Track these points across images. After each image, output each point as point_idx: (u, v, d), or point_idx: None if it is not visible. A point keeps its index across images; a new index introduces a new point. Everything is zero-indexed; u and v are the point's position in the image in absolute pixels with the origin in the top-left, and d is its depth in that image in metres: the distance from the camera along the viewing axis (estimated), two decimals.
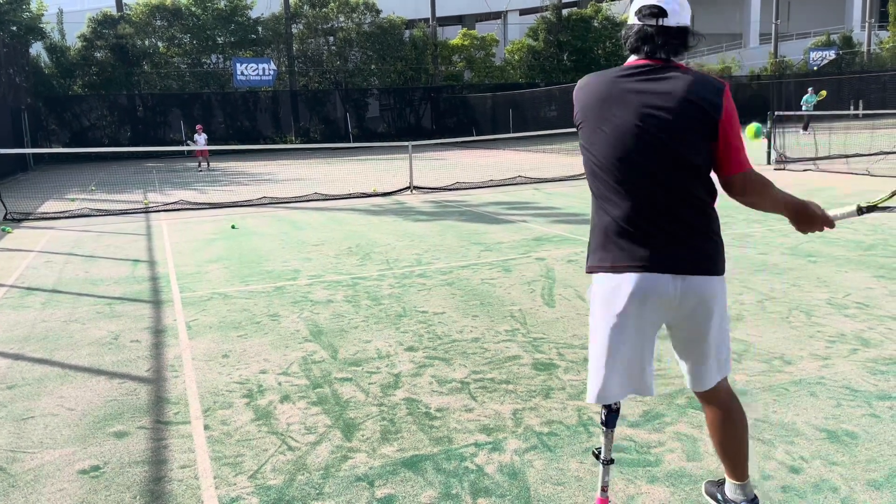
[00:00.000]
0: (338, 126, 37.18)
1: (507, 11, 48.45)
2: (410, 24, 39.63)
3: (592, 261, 2.47)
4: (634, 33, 2.39)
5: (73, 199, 15.79)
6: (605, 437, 2.57)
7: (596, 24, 41.10)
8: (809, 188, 12.30)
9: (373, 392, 4.12)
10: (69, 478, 3.27)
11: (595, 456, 2.61)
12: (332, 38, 37.43)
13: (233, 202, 13.92)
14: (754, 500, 2.67)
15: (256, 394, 4.16)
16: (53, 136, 32.67)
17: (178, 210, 13.32)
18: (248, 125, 35.70)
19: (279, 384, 4.30)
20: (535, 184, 15.28)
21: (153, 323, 5.77)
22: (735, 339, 4.75)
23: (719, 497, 2.77)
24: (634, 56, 2.42)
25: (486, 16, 49.07)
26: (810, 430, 3.42)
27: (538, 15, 42.14)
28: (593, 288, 2.47)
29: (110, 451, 3.52)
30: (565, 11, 41.57)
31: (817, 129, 23.73)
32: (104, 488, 3.16)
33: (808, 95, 27.37)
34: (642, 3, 2.38)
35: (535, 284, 6.49)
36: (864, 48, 45.97)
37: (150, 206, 13.94)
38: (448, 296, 6.22)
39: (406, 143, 16.03)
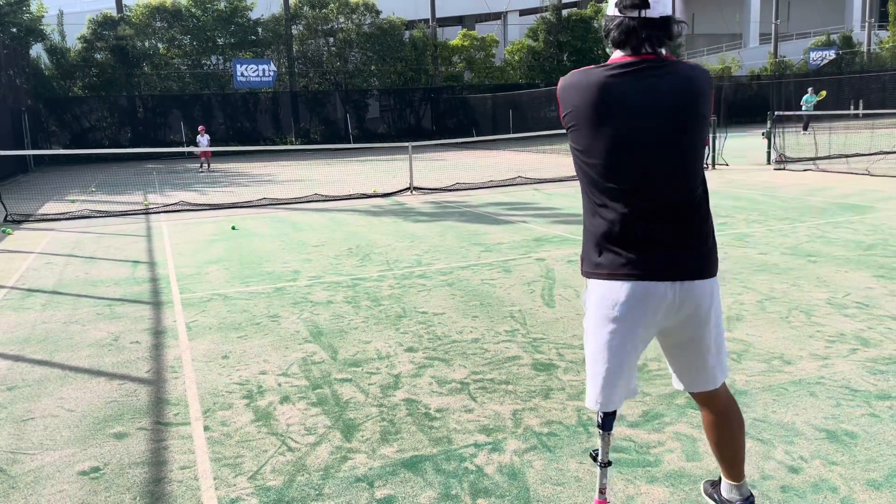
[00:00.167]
0: (338, 127, 37.20)
1: (506, 12, 48.47)
2: (410, 24, 39.66)
3: (588, 266, 2.40)
4: (616, 26, 2.28)
5: (73, 201, 15.80)
6: (601, 440, 2.56)
7: (596, 25, 41.07)
8: (809, 188, 12.29)
9: (372, 393, 4.12)
10: (69, 479, 3.27)
11: (593, 458, 2.60)
12: (332, 39, 37.46)
13: (233, 203, 13.93)
14: (749, 498, 2.67)
15: (256, 395, 4.17)
16: (54, 137, 32.69)
17: (179, 211, 13.33)
18: (248, 126, 35.72)
19: (279, 385, 4.30)
20: (535, 184, 15.28)
21: (153, 324, 5.78)
22: (735, 339, 4.76)
23: (716, 497, 2.77)
24: (620, 52, 2.30)
25: (485, 16, 49.09)
26: (810, 430, 3.42)
27: (538, 15, 42.16)
28: (590, 293, 2.43)
29: (110, 452, 3.52)
30: (565, 12, 41.58)
31: (817, 129, 23.72)
32: (104, 489, 3.17)
33: (807, 95, 27.39)
34: None
35: (534, 285, 6.49)
36: (864, 48, 46.00)
37: (151, 207, 13.94)
38: (448, 296, 6.22)
39: (406, 144, 16.03)
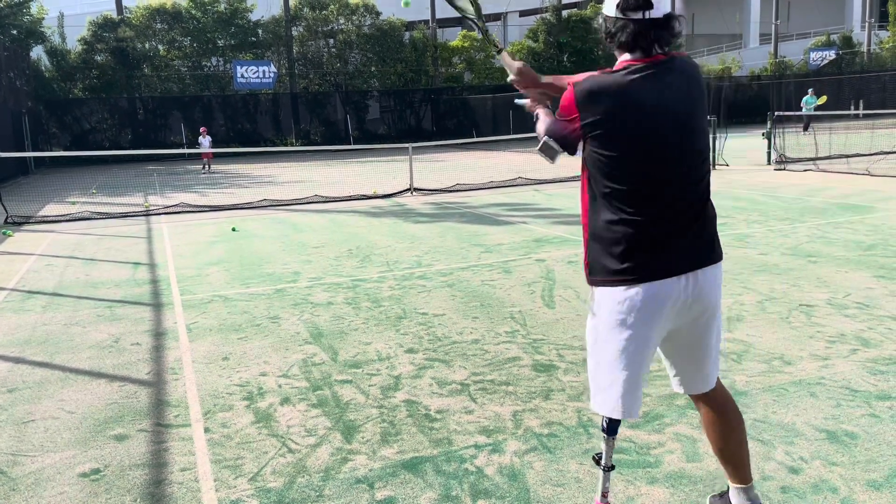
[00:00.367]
0: (338, 128, 37.20)
1: (506, 13, 48.43)
2: (410, 25, 39.63)
3: (603, 274, 2.36)
4: (621, 29, 2.27)
5: (73, 203, 15.81)
6: (605, 444, 2.54)
7: (596, 26, 41.01)
8: (810, 188, 12.30)
9: (373, 394, 4.13)
10: (70, 481, 3.27)
11: (596, 462, 2.58)
12: (332, 41, 37.46)
13: (233, 205, 13.94)
14: (758, 502, 2.60)
15: (257, 396, 4.17)
16: (54, 139, 32.69)
17: (179, 213, 13.33)
18: (248, 128, 35.71)
19: (279, 386, 4.30)
20: (536, 185, 15.28)
21: (154, 326, 5.78)
22: (735, 339, 4.76)
23: None
24: (628, 55, 2.30)
25: (485, 17, 48.98)
26: (810, 431, 3.42)
27: (538, 16, 42.16)
28: (604, 300, 2.37)
29: (111, 454, 3.53)
30: (565, 13, 41.57)
31: (817, 130, 23.71)
32: (104, 491, 3.17)
33: (808, 97, 27.36)
34: None
35: (535, 286, 6.49)
36: (864, 48, 45.99)
37: (151, 208, 13.95)
38: (448, 297, 6.22)
39: (406, 145, 16.03)
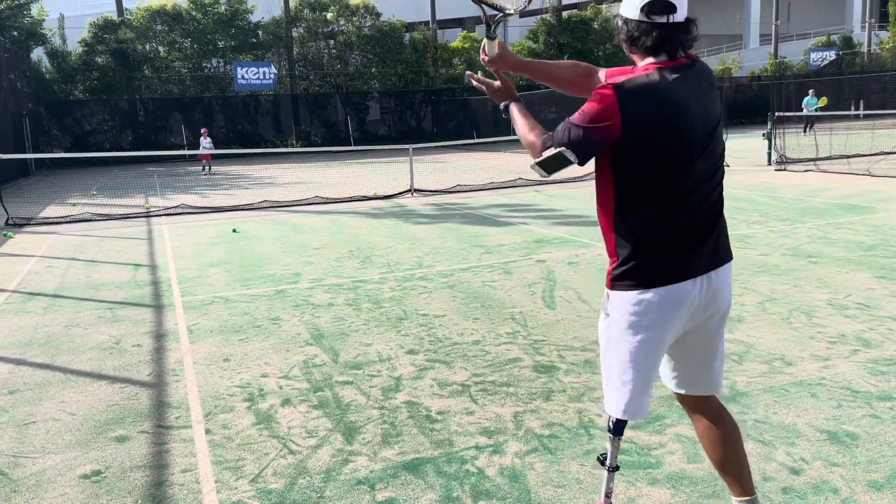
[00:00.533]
0: (338, 129, 37.20)
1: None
2: (410, 27, 39.64)
3: (626, 279, 2.32)
4: (645, 33, 2.23)
5: (74, 204, 15.81)
6: (611, 445, 2.53)
7: (596, 27, 41.11)
8: (810, 189, 12.31)
9: (374, 395, 4.13)
10: (71, 482, 3.27)
11: (600, 462, 2.57)
12: (332, 42, 37.46)
13: (234, 206, 13.94)
14: None
15: (257, 397, 4.17)
16: (55, 140, 32.69)
17: (180, 214, 13.34)
18: (249, 129, 35.72)
19: (280, 388, 4.30)
20: (536, 186, 15.28)
21: (154, 327, 5.78)
22: (736, 340, 4.76)
23: None
24: (651, 58, 2.27)
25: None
26: (811, 432, 3.42)
27: (538, 17, 42.16)
28: (620, 303, 2.35)
29: (112, 455, 3.53)
30: (565, 13, 41.56)
31: (818, 130, 23.71)
32: (105, 493, 3.17)
33: (809, 98, 27.35)
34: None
35: (535, 287, 6.49)
36: (865, 48, 45.98)
37: (152, 210, 13.95)
38: (449, 298, 6.22)
39: (407, 146, 16.03)
